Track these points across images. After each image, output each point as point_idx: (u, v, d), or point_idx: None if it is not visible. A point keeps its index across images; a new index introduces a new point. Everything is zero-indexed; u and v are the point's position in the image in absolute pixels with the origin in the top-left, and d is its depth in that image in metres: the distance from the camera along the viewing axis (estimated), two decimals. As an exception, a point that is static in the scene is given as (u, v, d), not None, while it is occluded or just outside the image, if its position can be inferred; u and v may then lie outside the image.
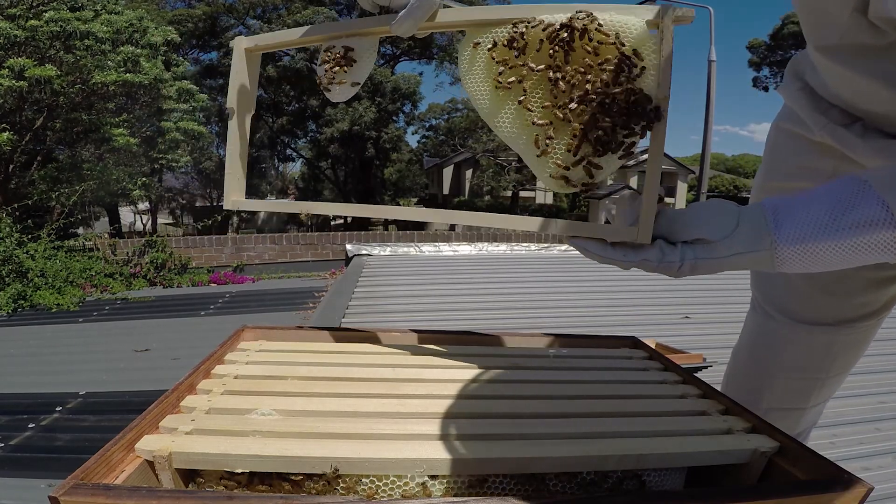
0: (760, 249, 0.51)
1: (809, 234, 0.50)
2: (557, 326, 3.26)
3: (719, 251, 0.53)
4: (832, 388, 0.90)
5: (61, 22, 5.75)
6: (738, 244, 0.52)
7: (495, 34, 0.60)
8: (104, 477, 0.45)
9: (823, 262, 0.50)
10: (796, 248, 0.50)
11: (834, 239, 0.49)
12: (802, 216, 0.50)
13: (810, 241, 0.50)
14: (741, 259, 0.53)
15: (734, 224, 0.53)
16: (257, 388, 0.64)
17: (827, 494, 0.47)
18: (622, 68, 0.54)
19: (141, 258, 5.66)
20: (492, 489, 0.52)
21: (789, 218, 0.51)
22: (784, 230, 0.51)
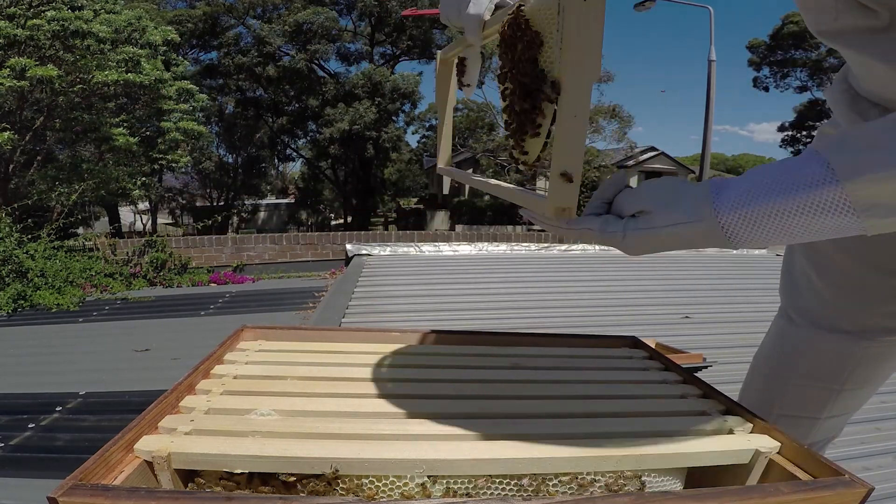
0: (702, 218, 0.50)
1: (749, 199, 0.48)
2: (557, 326, 3.26)
3: (659, 221, 0.52)
4: (850, 401, 0.87)
5: (62, 21, 5.75)
6: (678, 214, 0.51)
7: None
8: (103, 477, 0.45)
9: (771, 229, 0.48)
10: (737, 213, 0.48)
11: (774, 200, 0.47)
12: (744, 184, 0.49)
13: (751, 205, 0.48)
14: (685, 230, 0.51)
15: (676, 196, 0.52)
16: (257, 388, 0.64)
17: (827, 494, 0.46)
18: (515, 45, 0.54)
19: (141, 258, 5.66)
20: (492, 489, 0.52)
21: (731, 186, 0.50)
22: (724, 196, 0.49)
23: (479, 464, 0.50)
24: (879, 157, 0.45)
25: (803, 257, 0.85)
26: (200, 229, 6.98)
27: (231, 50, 17.63)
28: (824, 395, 0.85)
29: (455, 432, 0.55)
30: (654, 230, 0.53)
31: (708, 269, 5.12)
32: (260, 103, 19.07)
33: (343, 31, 18.34)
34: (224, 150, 19.46)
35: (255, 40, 17.44)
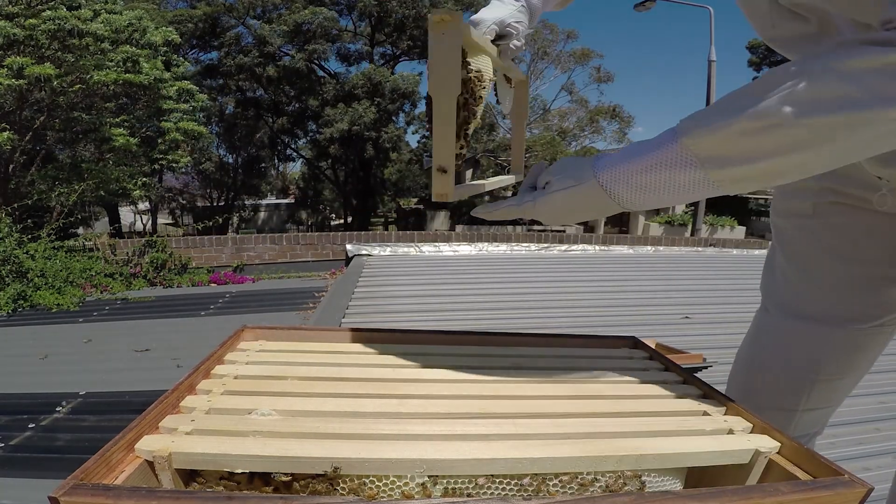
0: (584, 180, 0.60)
1: (619, 160, 0.58)
2: (557, 326, 3.26)
3: (556, 186, 0.63)
4: (829, 394, 0.88)
5: (59, 20, 5.75)
6: (569, 179, 0.62)
7: None
8: (104, 477, 0.45)
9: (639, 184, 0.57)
10: (609, 171, 0.58)
11: (636, 160, 0.57)
12: (619, 152, 0.59)
13: (619, 165, 0.58)
14: (575, 192, 0.61)
15: (570, 166, 0.63)
16: (257, 388, 0.64)
17: (827, 494, 0.47)
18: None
19: (141, 258, 5.66)
20: (492, 489, 0.52)
21: (609, 154, 0.61)
22: (601, 160, 0.60)
23: (480, 463, 0.50)
24: (709, 113, 0.54)
25: (780, 253, 0.89)
26: (200, 229, 6.97)
27: (231, 50, 17.63)
28: (800, 385, 0.87)
29: (455, 432, 0.55)
30: (552, 194, 0.63)
31: (708, 269, 5.12)
32: (260, 103, 19.07)
33: (343, 32, 18.35)
34: (224, 150, 19.46)
35: (255, 40, 17.44)
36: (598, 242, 6.48)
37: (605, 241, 6.52)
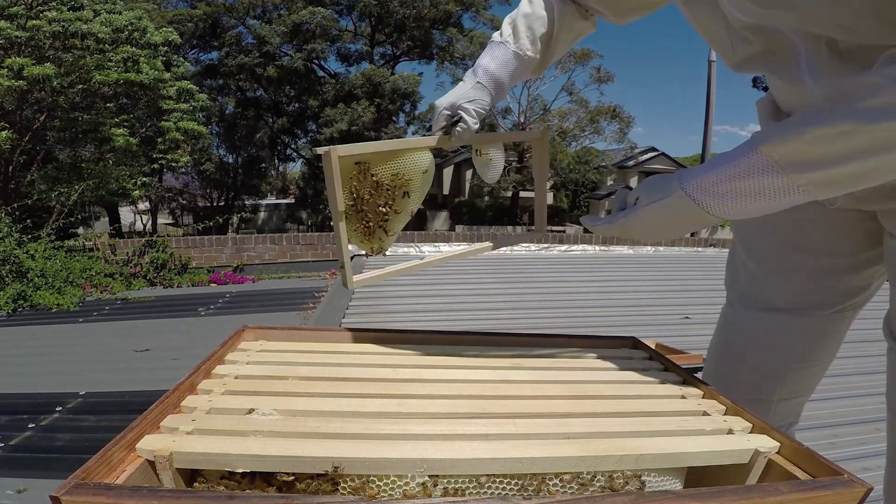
0: (672, 192, 0.63)
1: (703, 171, 0.61)
2: (557, 326, 3.26)
3: (644, 201, 0.66)
4: (800, 383, 0.91)
5: (63, 22, 5.75)
6: (656, 193, 0.65)
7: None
8: (105, 477, 0.45)
9: (725, 193, 0.59)
10: (695, 182, 0.61)
11: (720, 169, 0.60)
12: (703, 164, 0.62)
13: (704, 175, 0.61)
14: (663, 204, 0.64)
15: (657, 182, 0.66)
16: (258, 388, 0.64)
17: (826, 494, 0.47)
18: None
19: (141, 258, 5.66)
20: (492, 489, 0.52)
21: (694, 168, 0.63)
22: (686, 173, 0.63)
23: (480, 463, 0.50)
24: (784, 124, 0.57)
25: (741, 247, 0.93)
26: (201, 229, 6.97)
27: (231, 50, 17.63)
28: (773, 375, 0.89)
29: (456, 432, 0.55)
30: (643, 209, 0.66)
31: (708, 270, 5.12)
32: (260, 103, 19.07)
33: (343, 32, 18.35)
34: (224, 150, 19.46)
35: (255, 40, 17.44)
36: (598, 242, 6.48)
37: (605, 241, 6.53)
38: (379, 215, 0.84)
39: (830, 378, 2.36)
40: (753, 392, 0.88)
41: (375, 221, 0.84)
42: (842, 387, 2.27)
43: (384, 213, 0.84)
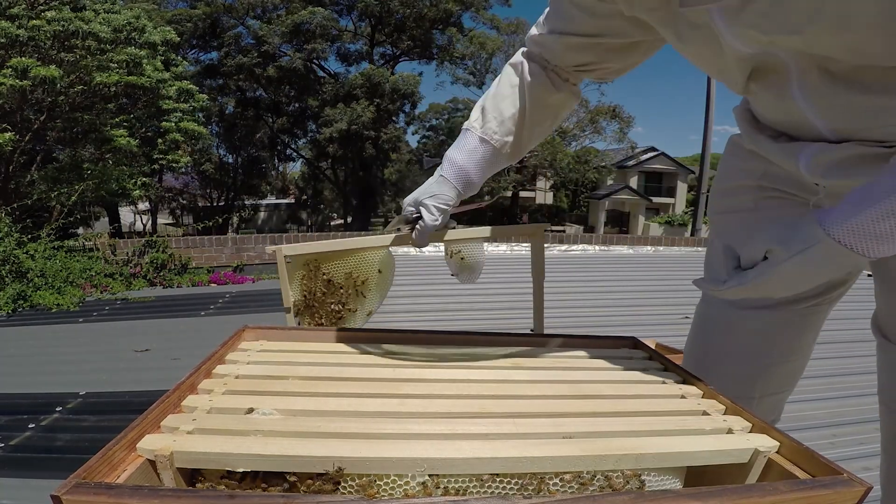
0: (818, 240, 0.58)
1: (850, 213, 0.56)
2: (557, 326, 3.25)
3: (783, 255, 0.61)
4: (781, 378, 0.91)
5: (64, 22, 5.75)
6: (797, 244, 0.59)
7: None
8: (106, 476, 0.45)
9: (878, 232, 0.55)
10: (844, 226, 0.56)
11: (871, 209, 0.55)
12: (844, 205, 0.57)
13: (853, 218, 0.56)
14: (808, 255, 0.59)
15: (790, 231, 0.61)
16: (258, 387, 0.64)
17: (826, 493, 0.47)
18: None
19: (141, 258, 5.66)
20: (492, 489, 0.52)
21: (833, 209, 0.58)
22: (829, 217, 0.58)
23: (480, 463, 0.50)
24: None
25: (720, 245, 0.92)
26: (200, 229, 6.97)
27: (231, 50, 17.62)
28: (754, 371, 0.89)
29: (456, 431, 0.55)
30: (783, 264, 0.61)
31: (708, 270, 5.11)
32: (260, 103, 19.07)
33: (343, 32, 18.34)
34: (224, 150, 19.46)
35: (254, 41, 17.43)
36: (598, 242, 6.48)
37: (605, 241, 6.52)
38: (332, 314, 0.82)
39: (830, 378, 2.37)
40: (736, 390, 0.88)
41: (329, 319, 0.82)
42: (842, 387, 2.28)
43: (337, 311, 0.82)
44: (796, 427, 1.90)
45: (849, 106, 0.67)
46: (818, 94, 0.67)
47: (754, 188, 0.88)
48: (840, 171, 0.71)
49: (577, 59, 0.87)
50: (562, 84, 0.90)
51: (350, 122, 16.76)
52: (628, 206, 25.81)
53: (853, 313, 1.39)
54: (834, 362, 2.51)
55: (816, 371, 2.42)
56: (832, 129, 0.70)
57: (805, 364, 0.94)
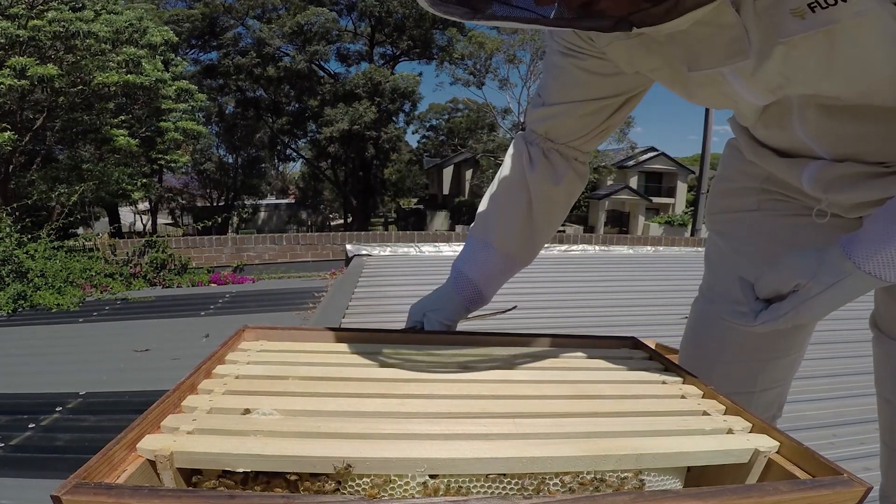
0: (848, 273, 0.60)
1: (879, 245, 0.58)
2: (557, 326, 3.26)
3: (815, 289, 0.62)
4: (779, 372, 0.92)
5: (64, 22, 5.75)
6: (828, 277, 0.61)
7: None
8: (106, 476, 0.45)
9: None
10: (875, 259, 0.58)
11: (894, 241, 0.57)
12: (870, 235, 0.59)
13: (883, 250, 0.58)
14: (840, 288, 0.61)
15: (818, 264, 0.62)
16: (258, 387, 0.64)
17: (826, 493, 0.47)
18: None
19: (141, 258, 5.66)
20: (492, 488, 0.52)
21: (860, 240, 0.60)
22: (857, 250, 0.59)
23: (480, 463, 0.50)
24: None
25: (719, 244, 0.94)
26: (200, 229, 6.98)
27: (231, 50, 17.62)
28: (752, 367, 0.89)
29: (456, 431, 0.55)
30: (813, 298, 0.63)
31: (708, 270, 5.11)
32: (260, 103, 19.07)
33: (343, 32, 18.35)
34: (224, 150, 19.46)
35: (255, 41, 17.43)
36: (598, 242, 6.48)
37: (605, 241, 6.53)
38: None
39: (830, 378, 2.37)
40: (735, 386, 0.88)
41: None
42: (842, 387, 2.28)
43: None
44: (796, 427, 1.90)
45: (845, 135, 0.70)
46: (816, 125, 0.70)
47: (756, 190, 0.88)
48: (841, 186, 0.74)
49: (592, 123, 0.86)
50: (566, 169, 0.89)
51: (352, 121, 16.76)
52: (628, 206, 25.82)
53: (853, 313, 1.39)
54: (834, 362, 2.51)
55: (816, 371, 2.42)
56: (831, 153, 0.73)
57: (802, 357, 0.95)
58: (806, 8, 0.55)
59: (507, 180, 0.89)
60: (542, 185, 0.88)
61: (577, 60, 0.80)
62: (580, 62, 0.80)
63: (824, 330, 0.92)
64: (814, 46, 0.58)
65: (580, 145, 0.90)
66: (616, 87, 0.82)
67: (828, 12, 0.54)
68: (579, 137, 0.88)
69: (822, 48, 0.58)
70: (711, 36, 0.63)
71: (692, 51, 0.66)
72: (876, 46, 0.56)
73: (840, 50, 0.57)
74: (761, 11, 0.59)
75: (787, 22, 0.57)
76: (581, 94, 0.83)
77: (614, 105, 0.85)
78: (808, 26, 0.56)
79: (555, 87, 0.85)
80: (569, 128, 0.87)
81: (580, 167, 0.92)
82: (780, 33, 0.58)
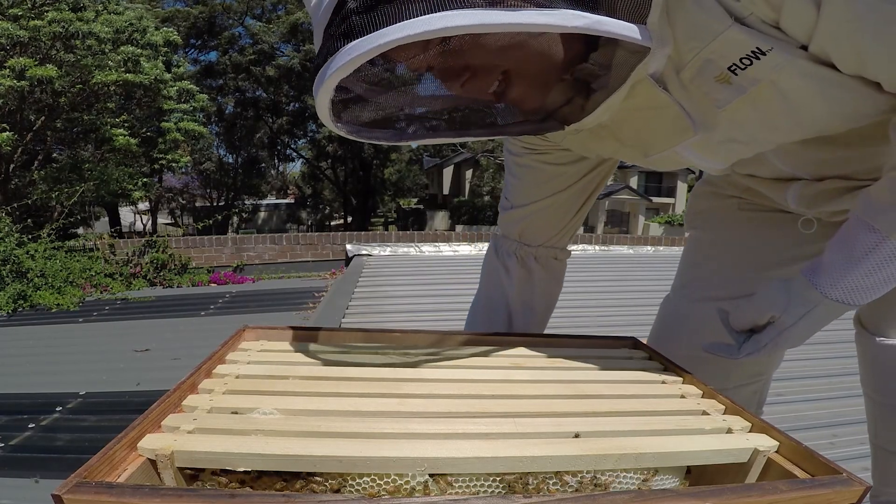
0: (817, 302, 0.63)
1: (841, 275, 0.62)
2: (557, 326, 3.25)
3: (788, 320, 0.65)
4: (751, 367, 0.92)
5: (64, 23, 5.76)
6: (798, 308, 0.65)
7: None
8: (107, 475, 0.45)
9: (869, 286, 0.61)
10: (838, 287, 0.62)
11: (856, 268, 0.61)
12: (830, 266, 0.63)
13: (844, 278, 0.61)
14: (811, 317, 0.64)
15: (787, 297, 0.65)
16: (259, 387, 0.64)
17: (825, 493, 0.47)
18: None
19: (141, 258, 5.66)
20: (492, 488, 0.52)
21: (822, 271, 0.63)
22: (821, 281, 0.63)
23: (480, 462, 0.50)
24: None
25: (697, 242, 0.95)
26: (200, 229, 6.98)
27: (230, 50, 17.63)
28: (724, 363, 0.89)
29: (456, 431, 0.55)
30: (788, 329, 0.66)
31: (707, 270, 5.11)
32: (259, 103, 19.07)
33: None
34: (224, 150, 19.46)
35: (253, 41, 17.43)
36: (598, 242, 6.48)
37: (605, 241, 6.53)
38: None
39: (830, 378, 2.37)
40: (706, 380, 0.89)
41: None
42: (842, 387, 2.28)
43: None
44: (796, 427, 1.90)
45: (818, 160, 0.73)
46: (794, 157, 0.73)
47: (737, 196, 0.90)
48: (825, 201, 0.77)
49: (567, 215, 0.88)
50: (544, 276, 0.91)
51: (350, 122, 16.74)
52: (628, 206, 25.81)
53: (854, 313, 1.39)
54: (834, 362, 2.51)
55: (816, 371, 2.42)
56: (813, 175, 0.76)
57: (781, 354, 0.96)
58: (727, 72, 0.56)
59: (486, 293, 0.92)
60: (521, 296, 0.90)
61: (542, 156, 0.82)
62: (543, 157, 0.82)
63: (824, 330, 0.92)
64: (752, 107, 0.59)
65: (557, 242, 0.91)
66: (583, 168, 0.84)
67: (748, 73, 0.55)
68: (556, 234, 0.90)
69: (760, 107, 0.59)
70: (653, 119, 0.65)
71: (640, 135, 0.68)
72: (806, 90, 0.57)
73: (776, 103, 0.58)
74: (689, 84, 0.60)
75: (716, 90, 0.59)
76: (552, 188, 0.85)
77: (588, 187, 0.87)
78: (737, 91, 0.58)
79: (522, 187, 0.87)
80: (543, 228, 0.88)
81: (558, 266, 0.94)
82: (716, 103, 0.60)
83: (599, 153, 0.78)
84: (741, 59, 0.55)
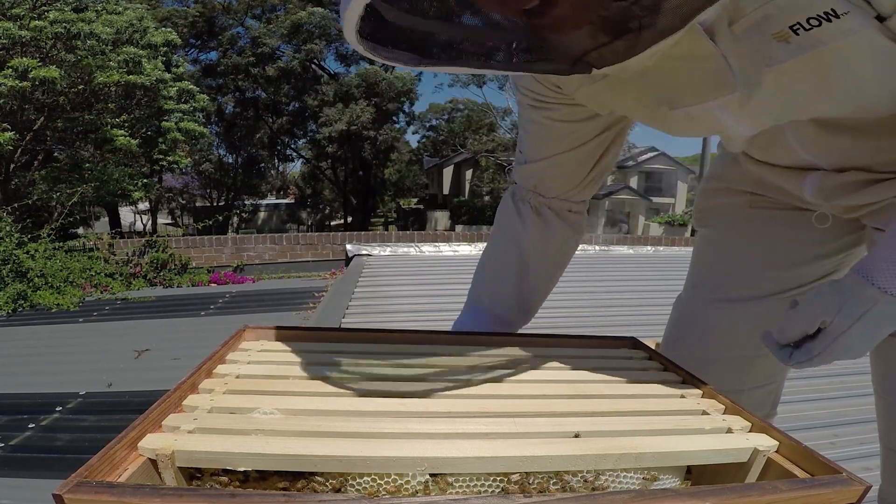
0: (876, 301, 0.58)
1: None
2: (557, 326, 3.26)
3: (844, 323, 0.59)
4: (767, 369, 0.91)
5: (65, 23, 5.75)
6: (856, 309, 0.58)
7: None
8: (107, 475, 0.45)
9: None
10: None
11: None
12: (887, 262, 0.58)
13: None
14: (870, 317, 0.58)
15: (841, 298, 0.59)
16: (259, 387, 0.64)
17: (825, 492, 0.47)
18: None
19: (141, 258, 5.66)
20: (492, 488, 0.52)
21: (879, 268, 0.58)
22: (879, 277, 0.58)
23: (481, 462, 0.50)
24: None
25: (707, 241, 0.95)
26: (200, 229, 6.98)
27: (229, 50, 17.63)
28: (739, 364, 0.89)
29: (456, 431, 0.55)
30: (845, 334, 0.60)
31: (708, 270, 5.11)
32: (259, 103, 19.07)
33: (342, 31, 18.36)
34: (224, 150, 19.46)
35: (252, 41, 17.43)
36: (598, 242, 6.48)
37: (605, 241, 6.53)
38: None
39: (830, 378, 2.37)
40: (724, 384, 0.87)
41: None
42: (842, 387, 2.28)
43: None
44: (796, 427, 1.90)
45: (846, 149, 0.68)
46: (816, 143, 0.69)
47: (749, 192, 0.88)
48: (843, 194, 0.73)
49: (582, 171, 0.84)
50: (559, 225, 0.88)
51: (349, 122, 16.77)
52: (628, 206, 25.81)
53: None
54: (834, 362, 2.51)
55: (816, 371, 2.42)
56: (833, 165, 0.72)
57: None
58: (789, 31, 0.52)
59: (499, 241, 0.89)
60: (535, 245, 0.87)
61: (549, 112, 0.77)
62: (553, 113, 0.77)
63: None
64: (806, 71, 0.55)
65: (573, 196, 0.87)
66: (596, 128, 0.79)
67: (812, 34, 0.51)
68: (572, 188, 0.86)
69: (814, 72, 0.55)
70: (688, 70, 0.60)
71: (670, 87, 0.63)
72: (868, 63, 0.54)
73: (833, 71, 0.54)
74: (741, 37, 0.55)
75: (771, 48, 0.54)
76: (562, 146, 0.81)
77: (600, 146, 0.82)
78: (795, 51, 0.53)
79: (533, 142, 0.83)
80: (558, 181, 0.85)
81: (575, 218, 0.90)
82: (768, 61, 0.55)
83: (614, 108, 0.73)
84: (809, 18, 0.50)
